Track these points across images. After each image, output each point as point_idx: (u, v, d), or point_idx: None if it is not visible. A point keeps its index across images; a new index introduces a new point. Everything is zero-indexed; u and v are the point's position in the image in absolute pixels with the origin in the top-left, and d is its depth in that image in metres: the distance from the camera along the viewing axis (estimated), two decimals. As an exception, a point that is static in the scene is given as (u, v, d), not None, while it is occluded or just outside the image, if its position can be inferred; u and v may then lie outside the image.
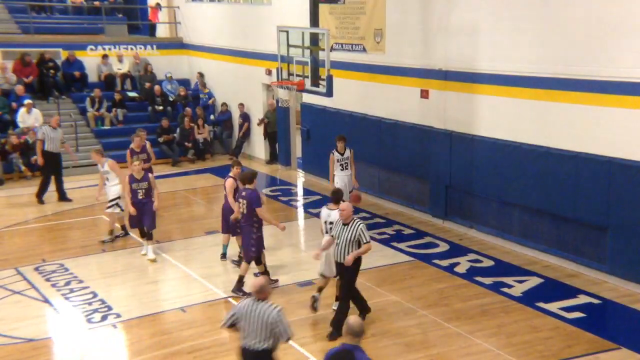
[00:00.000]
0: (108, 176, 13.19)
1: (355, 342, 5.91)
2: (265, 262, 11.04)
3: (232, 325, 6.76)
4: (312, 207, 15.29)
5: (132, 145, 14.15)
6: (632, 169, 10.53)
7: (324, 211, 9.93)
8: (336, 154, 13.48)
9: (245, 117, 20.90)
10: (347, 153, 13.56)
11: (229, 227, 11.89)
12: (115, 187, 13.17)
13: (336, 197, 9.90)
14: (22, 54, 20.49)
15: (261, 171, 19.68)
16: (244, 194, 10.54)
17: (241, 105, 20.89)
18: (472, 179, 13.31)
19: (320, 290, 10.04)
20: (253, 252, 10.55)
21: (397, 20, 14.66)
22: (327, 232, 9.77)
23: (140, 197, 12.32)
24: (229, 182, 11.53)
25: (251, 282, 7.52)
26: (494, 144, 12.78)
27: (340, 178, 13.47)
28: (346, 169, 13.53)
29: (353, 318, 6.11)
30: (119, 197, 13.16)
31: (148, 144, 14.70)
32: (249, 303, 6.67)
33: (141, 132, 14.64)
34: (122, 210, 13.28)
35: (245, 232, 10.59)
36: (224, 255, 12.31)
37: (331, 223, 9.65)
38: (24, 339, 9.58)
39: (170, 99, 21.67)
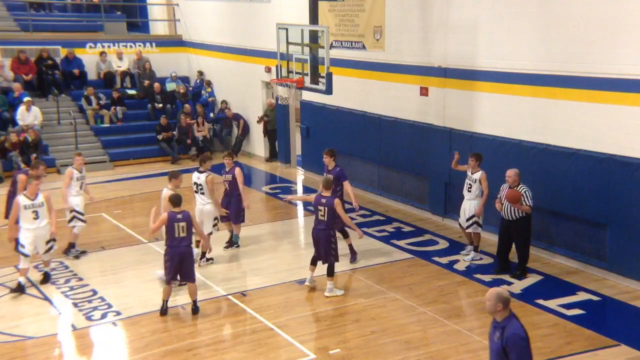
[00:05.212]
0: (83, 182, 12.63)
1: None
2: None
3: None
4: (312, 205, 15.26)
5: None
6: (631, 166, 10.53)
7: None
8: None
9: (237, 117, 20.87)
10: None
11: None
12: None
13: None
14: (18, 52, 20.49)
15: (261, 169, 19.74)
16: (323, 201, 10.62)
17: (227, 107, 20.97)
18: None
19: None
20: (334, 258, 10.70)
21: (396, 18, 14.65)
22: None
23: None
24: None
25: None
26: (493, 141, 12.78)
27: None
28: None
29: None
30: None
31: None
32: None
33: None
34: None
35: (325, 238, 10.62)
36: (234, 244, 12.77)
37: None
38: (23, 337, 9.59)
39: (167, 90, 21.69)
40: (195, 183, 11.79)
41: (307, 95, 17.49)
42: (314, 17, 14.10)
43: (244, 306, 10.36)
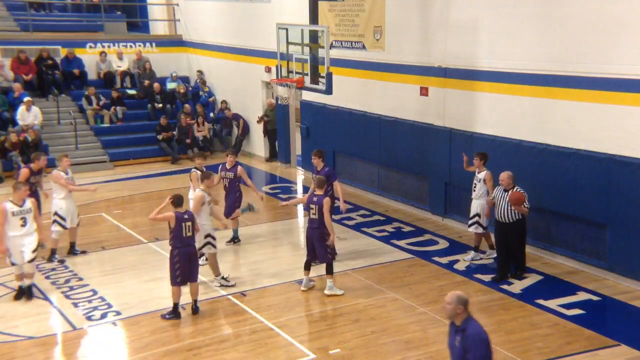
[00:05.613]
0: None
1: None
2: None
3: None
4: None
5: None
6: (631, 165, 10.53)
7: None
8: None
9: (237, 117, 20.88)
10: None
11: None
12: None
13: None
14: (18, 52, 20.50)
15: (261, 169, 19.74)
16: (315, 199, 10.59)
17: (227, 107, 20.99)
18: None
19: None
20: (331, 255, 10.71)
21: (396, 18, 14.64)
22: None
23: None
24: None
25: None
26: (493, 141, 12.78)
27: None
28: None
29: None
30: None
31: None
32: None
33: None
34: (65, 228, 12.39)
35: (319, 236, 10.59)
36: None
37: None
38: (23, 337, 9.59)
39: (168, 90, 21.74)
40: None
41: (307, 95, 17.49)
42: (314, 17, 14.10)
43: (244, 306, 10.36)
